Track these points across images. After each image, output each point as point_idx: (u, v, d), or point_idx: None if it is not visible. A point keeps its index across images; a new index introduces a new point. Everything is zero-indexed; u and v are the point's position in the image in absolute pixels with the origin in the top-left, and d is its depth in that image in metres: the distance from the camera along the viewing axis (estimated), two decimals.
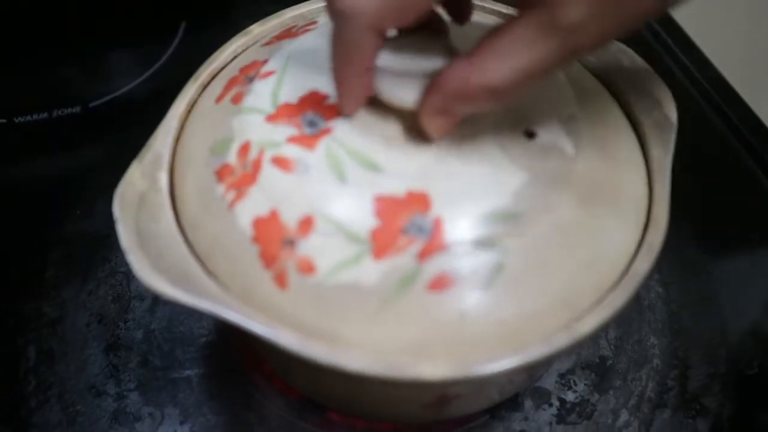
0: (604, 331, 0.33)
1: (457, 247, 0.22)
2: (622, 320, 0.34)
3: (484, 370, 0.21)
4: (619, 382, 0.32)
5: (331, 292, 0.21)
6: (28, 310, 0.33)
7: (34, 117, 0.41)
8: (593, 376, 0.32)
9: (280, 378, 0.31)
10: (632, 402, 0.31)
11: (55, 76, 0.44)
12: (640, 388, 0.32)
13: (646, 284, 0.34)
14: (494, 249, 0.22)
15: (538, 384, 0.32)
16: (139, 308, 0.33)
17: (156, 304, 0.33)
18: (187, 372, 0.32)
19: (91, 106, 0.42)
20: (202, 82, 0.28)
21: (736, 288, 0.36)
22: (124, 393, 0.31)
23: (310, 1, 0.30)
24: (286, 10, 0.30)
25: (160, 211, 0.24)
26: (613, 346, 0.33)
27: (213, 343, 0.32)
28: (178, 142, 0.26)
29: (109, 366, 0.32)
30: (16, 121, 0.41)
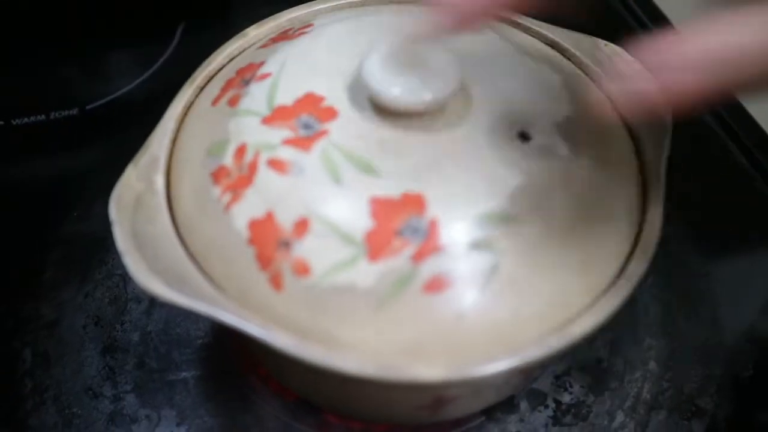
0: (600, 333, 0.33)
1: (453, 249, 0.22)
2: (618, 322, 0.34)
3: (480, 372, 0.21)
4: (614, 384, 0.32)
5: (327, 294, 0.21)
6: (26, 312, 0.33)
7: (32, 119, 0.41)
8: (589, 377, 0.32)
9: (276, 380, 0.31)
10: (628, 403, 0.31)
11: (53, 78, 0.44)
12: (636, 390, 0.32)
13: (642, 285, 0.34)
14: (489, 251, 0.22)
15: (534, 385, 0.32)
16: (136, 310, 0.33)
17: (153, 306, 0.33)
18: (184, 374, 0.32)
19: (88, 107, 0.42)
20: (199, 84, 0.28)
21: (732, 289, 0.36)
22: (121, 395, 0.31)
23: (307, 4, 0.30)
24: (283, 12, 0.30)
25: (157, 213, 0.24)
26: (608, 348, 0.33)
27: (209, 345, 0.33)
28: (175, 144, 0.26)
29: (106, 368, 0.32)
30: (14, 123, 0.41)
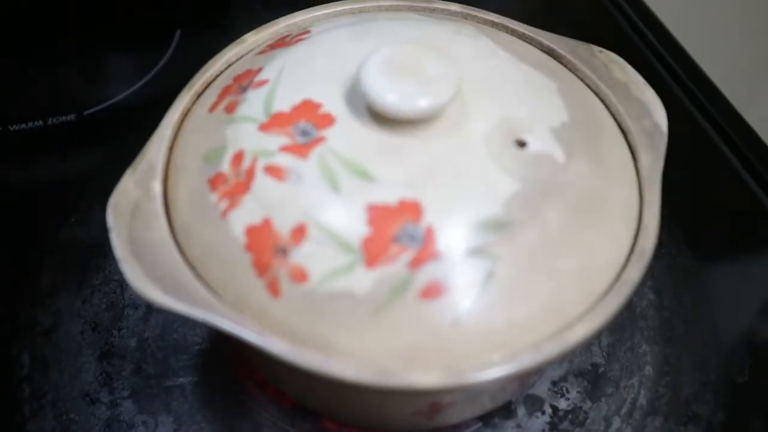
0: (597, 339, 0.33)
1: (449, 256, 0.22)
2: (615, 327, 0.34)
3: (476, 378, 0.21)
4: (611, 390, 0.32)
5: (324, 300, 0.21)
6: (23, 318, 0.33)
7: (29, 125, 0.41)
8: (586, 383, 0.32)
9: (273, 385, 0.31)
10: (624, 409, 0.31)
11: (50, 84, 0.44)
12: (633, 396, 0.32)
13: (639, 291, 0.35)
14: (486, 257, 0.22)
15: (531, 391, 0.32)
16: (133, 316, 0.33)
17: (150, 312, 0.33)
18: (181, 380, 0.32)
19: (86, 113, 0.42)
20: (197, 90, 0.28)
21: (729, 295, 0.36)
22: (118, 401, 0.31)
23: (305, 10, 0.30)
24: (281, 18, 0.30)
25: (154, 220, 0.24)
26: (605, 354, 0.33)
27: (206, 351, 0.32)
28: (172, 150, 0.26)
29: (103, 374, 0.32)
30: (11, 129, 0.41)
